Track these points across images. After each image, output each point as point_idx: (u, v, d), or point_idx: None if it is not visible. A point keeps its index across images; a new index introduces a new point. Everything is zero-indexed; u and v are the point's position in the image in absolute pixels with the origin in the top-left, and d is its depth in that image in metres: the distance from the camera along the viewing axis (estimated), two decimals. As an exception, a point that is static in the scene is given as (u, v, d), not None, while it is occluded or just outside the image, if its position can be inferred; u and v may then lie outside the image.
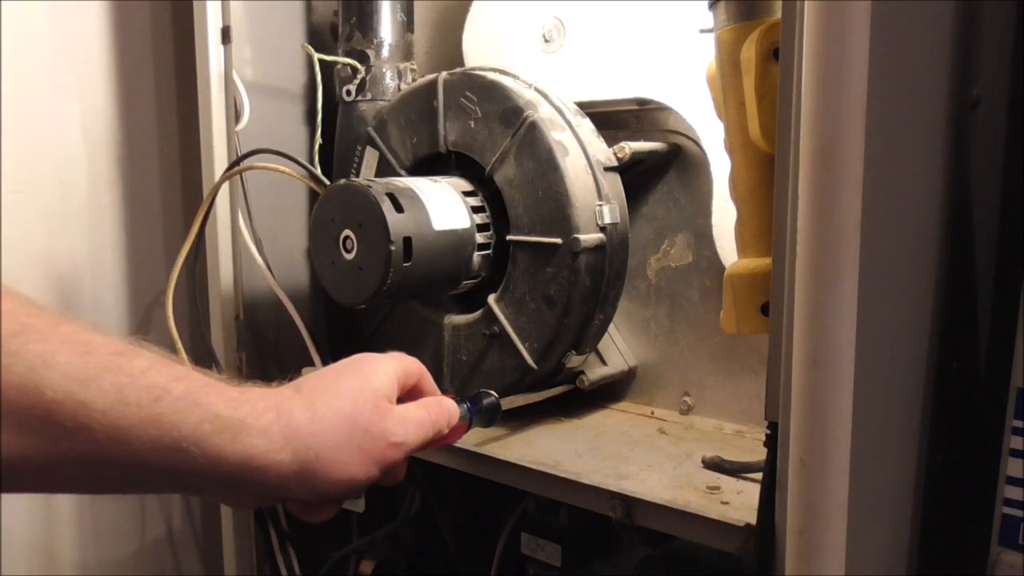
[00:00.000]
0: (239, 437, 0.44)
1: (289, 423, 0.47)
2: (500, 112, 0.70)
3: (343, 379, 0.51)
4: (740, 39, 0.54)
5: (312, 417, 0.48)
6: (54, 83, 0.88)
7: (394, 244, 0.64)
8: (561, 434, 0.73)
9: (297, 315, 0.86)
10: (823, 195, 0.42)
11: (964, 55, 0.59)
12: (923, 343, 0.59)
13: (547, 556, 0.78)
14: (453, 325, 0.76)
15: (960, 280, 0.63)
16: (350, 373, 0.52)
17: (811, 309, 0.43)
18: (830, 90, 0.42)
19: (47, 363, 0.39)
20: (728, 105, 0.56)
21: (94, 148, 0.92)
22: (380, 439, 0.50)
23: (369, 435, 0.50)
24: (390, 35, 0.84)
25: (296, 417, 0.47)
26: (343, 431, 0.49)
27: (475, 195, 0.73)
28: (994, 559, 0.60)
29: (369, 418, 0.50)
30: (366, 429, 0.50)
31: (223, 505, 0.88)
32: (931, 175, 0.57)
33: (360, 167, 0.80)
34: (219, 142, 0.82)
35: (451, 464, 0.69)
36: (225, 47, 0.81)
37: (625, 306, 0.78)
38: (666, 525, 0.56)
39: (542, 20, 0.81)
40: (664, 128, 0.75)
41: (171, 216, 0.99)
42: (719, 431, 0.73)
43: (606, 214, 0.69)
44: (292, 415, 0.47)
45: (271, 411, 0.46)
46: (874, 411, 0.50)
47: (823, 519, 0.45)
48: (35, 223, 0.87)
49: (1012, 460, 0.59)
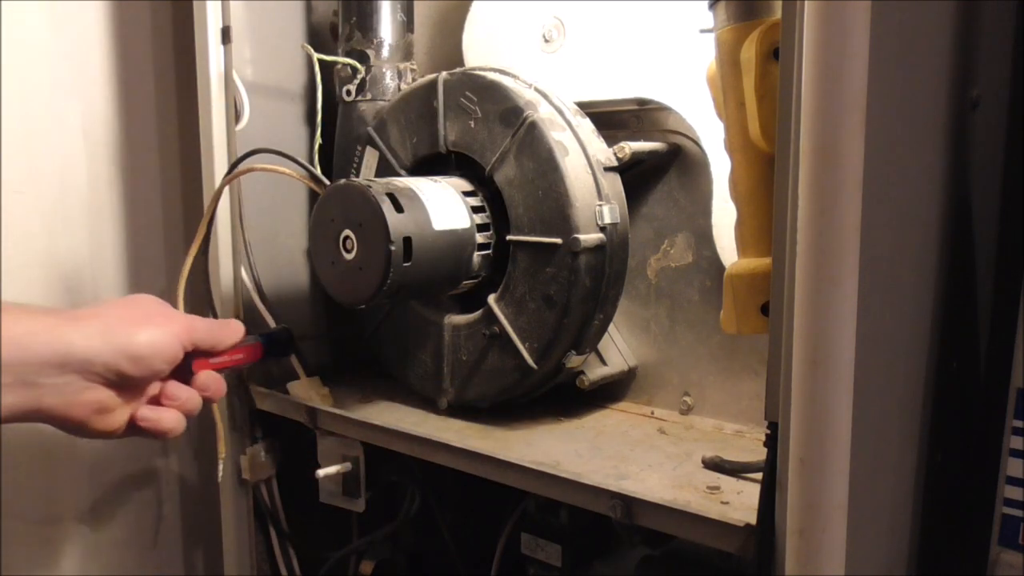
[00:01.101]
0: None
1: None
2: (500, 112, 0.70)
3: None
4: (740, 39, 0.54)
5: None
6: (54, 83, 0.88)
7: (394, 244, 0.64)
8: (561, 434, 0.73)
9: (271, 317, 0.86)
10: (823, 195, 0.42)
11: (964, 55, 0.59)
12: (923, 343, 0.59)
13: (547, 556, 0.78)
14: (453, 325, 0.76)
15: (960, 280, 0.63)
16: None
17: (811, 309, 0.43)
18: (830, 90, 0.42)
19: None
20: (728, 105, 0.56)
21: (94, 148, 0.92)
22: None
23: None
24: (390, 35, 0.84)
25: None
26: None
27: (475, 195, 0.73)
28: (994, 559, 0.60)
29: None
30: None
31: (223, 505, 0.88)
32: (931, 175, 0.58)
33: (360, 167, 0.80)
34: (219, 142, 0.82)
35: (451, 464, 0.69)
36: (225, 47, 0.81)
37: (625, 306, 0.78)
38: (666, 525, 0.56)
39: (542, 20, 0.81)
40: (664, 128, 0.75)
41: (171, 216, 0.99)
42: (719, 431, 0.73)
43: (606, 214, 0.69)
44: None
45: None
46: (874, 411, 0.50)
47: (823, 519, 0.45)
48: (35, 223, 0.87)
49: (1012, 460, 0.59)
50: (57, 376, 0.60)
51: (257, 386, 0.84)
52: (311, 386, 0.82)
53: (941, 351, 0.61)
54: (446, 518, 0.88)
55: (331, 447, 0.81)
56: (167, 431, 0.66)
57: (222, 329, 0.70)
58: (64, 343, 0.59)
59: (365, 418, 0.75)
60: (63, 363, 0.59)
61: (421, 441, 0.70)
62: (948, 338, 0.61)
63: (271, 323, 0.85)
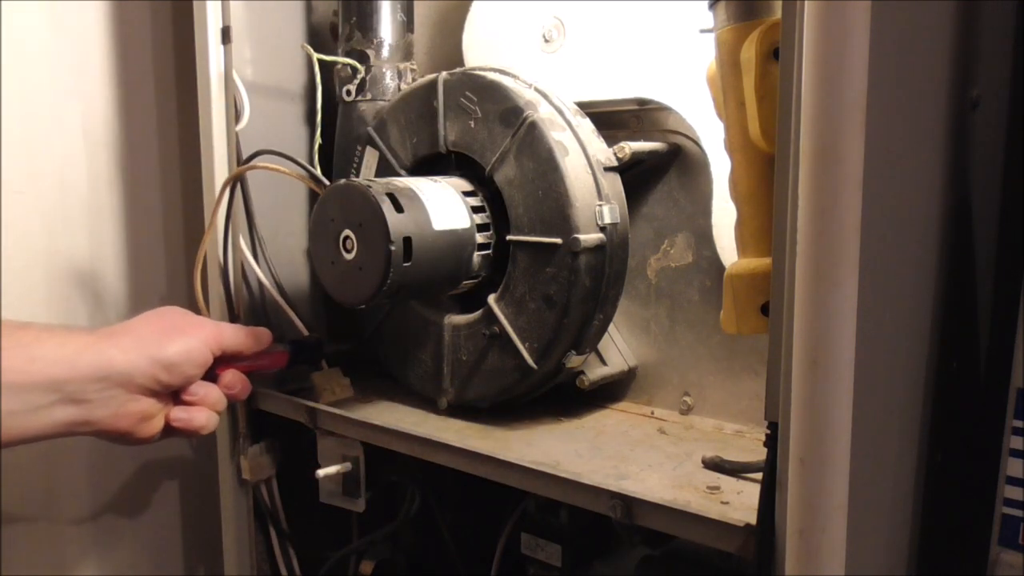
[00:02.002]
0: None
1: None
2: (500, 112, 0.70)
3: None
4: (740, 39, 0.54)
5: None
6: (54, 83, 0.88)
7: (394, 244, 0.64)
8: (561, 434, 0.73)
9: (296, 317, 0.86)
10: (823, 195, 0.42)
11: (964, 55, 0.59)
12: (923, 343, 0.59)
13: (547, 556, 0.78)
14: (453, 325, 0.76)
15: (960, 280, 0.63)
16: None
17: (811, 309, 0.43)
18: (830, 90, 0.42)
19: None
20: (728, 105, 0.56)
21: (94, 148, 0.92)
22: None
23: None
24: (390, 35, 0.84)
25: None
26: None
27: (475, 195, 0.73)
28: (994, 559, 0.60)
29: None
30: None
31: (223, 505, 0.88)
32: (931, 175, 0.58)
33: (360, 167, 0.80)
34: (219, 142, 0.82)
35: (451, 464, 0.69)
36: (225, 47, 0.81)
37: (625, 306, 0.78)
38: (666, 525, 0.56)
39: (542, 20, 0.81)
40: (664, 128, 0.75)
41: (171, 216, 0.99)
42: (719, 431, 0.73)
43: (606, 214, 0.69)
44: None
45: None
46: (874, 411, 0.50)
47: (823, 519, 0.45)
48: (35, 223, 0.87)
49: (1012, 460, 0.59)
50: (104, 390, 0.65)
51: (257, 386, 0.84)
52: (333, 376, 0.83)
53: (941, 351, 0.61)
54: (446, 518, 0.88)
55: (331, 447, 0.81)
56: (199, 428, 0.71)
57: (249, 336, 0.74)
58: (106, 359, 0.65)
59: (365, 418, 0.75)
60: (106, 377, 0.65)
61: (421, 441, 0.70)
62: (948, 338, 0.61)
63: (298, 324, 0.86)
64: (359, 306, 0.69)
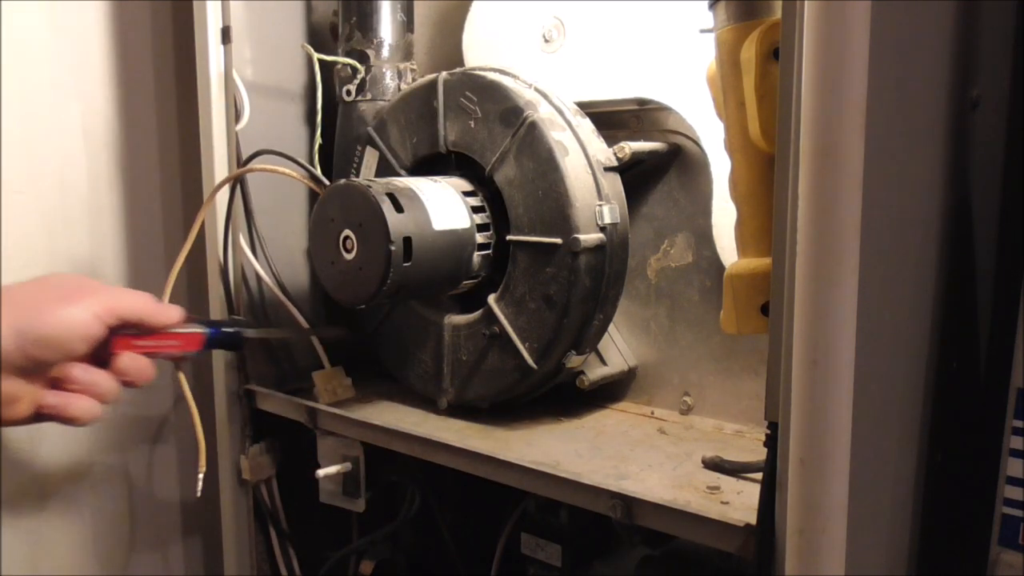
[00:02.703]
0: None
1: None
2: (500, 112, 0.70)
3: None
4: (740, 39, 0.54)
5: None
6: (54, 83, 0.88)
7: (394, 244, 0.64)
8: (561, 434, 0.73)
9: (299, 313, 0.86)
10: (823, 195, 0.42)
11: (964, 55, 0.59)
12: (923, 343, 0.59)
13: (547, 556, 0.78)
14: (453, 325, 0.76)
15: (960, 280, 0.63)
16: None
17: (811, 309, 0.43)
18: (830, 90, 0.42)
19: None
20: (728, 105, 0.56)
21: (94, 148, 0.92)
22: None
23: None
24: (390, 35, 0.84)
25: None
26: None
27: (475, 195, 0.73)
28: (994, 559, 0.60)
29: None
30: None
31: (223, 505, 0.88)
32: (931, 175, 0.58)
33: (360, 167, 0.80)
34: (219, 142, 0.82)
35: (451, 464, 0.69)
36: (225, 47, 0.81)
37: (625, 306, 0.78)
38: (666, 525, 0.56)
39: (542, 20, 0.81)
40: (664, 128, 0.75)
41: (171, 216, 0.99)
42: (719, 431, 0.73)
43: (606, 214, 0.69)
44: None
45: None
46: (874, 411, 0.50)
47: (823, 519, 0.45)
48: (35, 223, 0.87)
49: (1012, 460, 0.59)
50: None
51: (257, 386, 0.85)
52: (334, 376, 0.82)
53: (941, 351, 0.61)
54: (446, 518, 0.88)
55: (331, 447, 0.81)
56: (74, 418, 0.60)
57: (151, 303, 0.65)
58: None
59: (365, 418, 0.75)
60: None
61: (421, 441, 0.70)
62: (948, 338, 0.61)
63: (301, 322, 0.85)
64: (359, 306, 0.69)
